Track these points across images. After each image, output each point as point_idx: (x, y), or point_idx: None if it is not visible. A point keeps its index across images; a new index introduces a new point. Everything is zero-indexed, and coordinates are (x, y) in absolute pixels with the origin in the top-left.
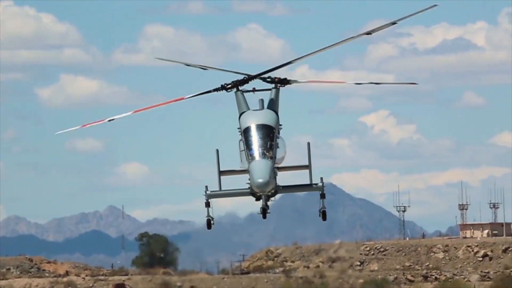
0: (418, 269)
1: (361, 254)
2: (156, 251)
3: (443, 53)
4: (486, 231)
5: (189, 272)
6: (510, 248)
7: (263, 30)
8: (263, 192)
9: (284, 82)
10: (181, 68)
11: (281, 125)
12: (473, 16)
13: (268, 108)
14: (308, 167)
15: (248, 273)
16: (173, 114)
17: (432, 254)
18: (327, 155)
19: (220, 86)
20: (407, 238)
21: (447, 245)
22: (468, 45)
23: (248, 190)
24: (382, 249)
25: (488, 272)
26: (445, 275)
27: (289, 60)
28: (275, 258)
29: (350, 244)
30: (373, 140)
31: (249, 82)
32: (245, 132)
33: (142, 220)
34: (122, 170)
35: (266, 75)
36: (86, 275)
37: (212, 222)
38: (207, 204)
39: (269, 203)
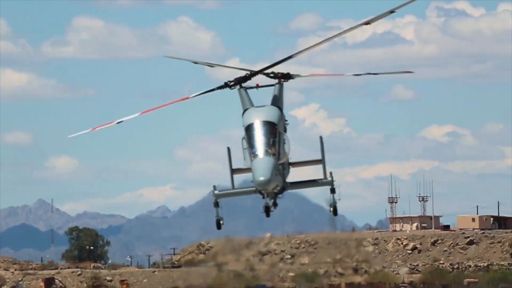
0: (348, 262)
1: (292, 247)
2: (86, 245)
3: (372, 47)
4: (415, 224)
5: (119, 266)
6: (439, 241)
7: (193, 23)
8: (265, 190)
9: (287, 77)
10: (111, 61)
11: (286, 121)
12: (401, 10)
13: (272, 104)
14: (321, 161)
15: (179, 266)
16: (103, 106)
17: (362, 247)
18: None
19: (223, 83)
20: (338, 232)
21: (377, 238)
22: (397, 39)
23: (255, 189)
24: (312, 242)
25: (417, 265)
26: (374, 268)
27: (290, 54)
28: (206, 252)
29: (281, 238)
30: (304, 134)
31: (251, 78)
32: (247, 130)
33: (72, 214)
34: (52, 164)
35: (269, 71)
36: (15, 270)
37: (221, 222)
38: (216, 205)
39: (277, 200)
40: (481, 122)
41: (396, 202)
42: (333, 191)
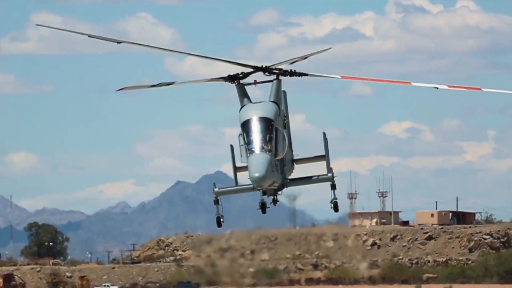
0: (308, 258)
1: (251, 243)
2: (45, 241)
3: (332, 43)
4: (374, 220)
5: (78, 262)
6: (398, 236)
7: (152, 19)
8: (260, 187)
9: (286, 73)
10: (70, 57)
11: (286, 117)
12: (361, 6)
13: (270, 100)
14: (324, 157)
15: (139, 262)
16: (62, 102)
17: (322, 242)
18: (218, 144)
19: (227, 76)
20: (297, 227)
21: (336, 234)
22: (356, 35)
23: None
24: (273, 238)
25: (377, 260)
26: (334, 264)
27: (305, 55)
28: (166, 247)
29: (241, 233)
30: None
31: (249, 75)
32: (243, 126)
33: (31, 210)
34: (10, 159)
35: (274, 67)
36: None
37: (222, 220)
38: (216, 202)
39: (278, 197)
40: (439, 118)
41: (355, 198)
42: (333, 187)
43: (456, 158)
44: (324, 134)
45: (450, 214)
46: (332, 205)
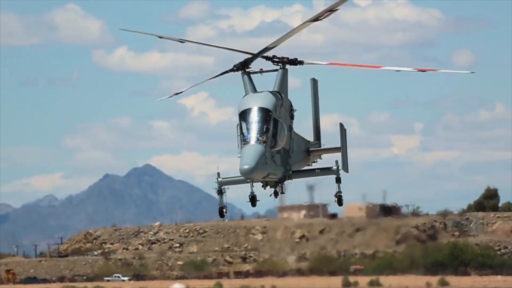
0: (237, 251)
1: (180, 236)
2: None
3: (261, 35)
4: (303, 213)
5: (5, 255)
6: (326, 229)
7: (81, 11)
8: (250, 179)
9: (294, 62)
10: (5, 52)
11: (295, 109)
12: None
13: (275, 89)
14: (340, 149)
15: (66, 255)
16: None
17: (250, 235)
18: (147, 137)
19: (233, 67)
20: (226, 220)
21: (265, 227)
22: (285, 28)
23: None
24: (201, 231)
25: (305, 253)
26: (263, 256)
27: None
28: (94, 241)
29: (169, 226)
30: (193, 122)
31: (251, 62)
32: (240, 116)
33: None
34: None
35: (271, 55)
36: None
37: (225, 210)
38: (219, 192)
39: (283, 189)
40: (367, 111)
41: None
42: (338, 180)
43: (384, 151)
44: (341, 125)
45: (378, 207)
46: (336, 199)
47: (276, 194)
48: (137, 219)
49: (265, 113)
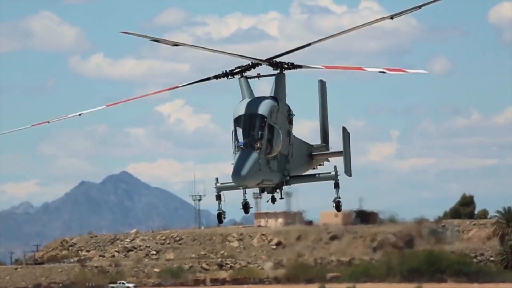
0: (213, 258)
1: (157, 243)
2: None
3: (237, 42)
4: (279, 220)
5: None
6: (303, 236)
7: (57, 18)
8: (242, 187)
9: (292, 66)
10: None
11: (293, 114)
12: (266, 6)
13: (272, 94)
14: (342, 153)
15: (42, 263)
16: None
17: (227, 242)
18: (123, 144)
19: (222, 72)
20: (203, 227)
21: (241, 234)
22: (261, 35)
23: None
24: (178, 238)
25: (282, 260)
26: (239, 264)
27: (309, 42)
28: (70, 248)
29: (146, 233)
30: (169, 129)
31: (255, 67)
32: (234, 122)
33: None
34: None
35: (273, 60)
36: None
37: (223, 216)
38: (218, 197)
39: (282, 195)
40: (344, 118)
41: (261, 198)
42: (337, 186)
43: (360, 158)
44: (344, 128)
45: (354, 214)
46: (334, 204)
47: (273, 200)
48: (114, 226)
49: (259, 119)
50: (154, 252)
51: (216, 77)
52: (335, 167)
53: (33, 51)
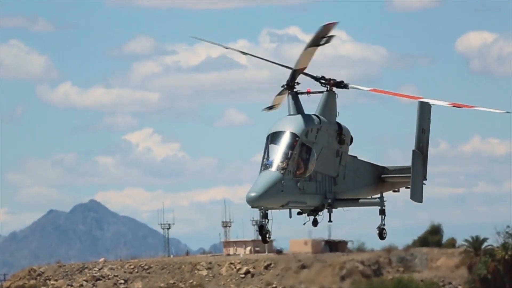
0: (182, 287)
1: (125, 272)
2: None
3: (206, 71)
4: (248, 248)
5: None
6: (272, 265)
7: (25, 46)
8: (257, 207)
9: (340, 85)
10: None
11: (348, 135)
12: (235, 35)
13: (318, 113)
14: (409, 177)
15: None
16: None
17: (196, 271)
18: (91, 173)
19: (284, 85)
20: (171, 256)
21: (210, 262)
22: (231, 63)
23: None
24: (146, 267)
25: None
26: None
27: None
28: (38, 277)
29: (114, 262)
30: (138, 158)
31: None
32: (266, 139)
33: None
34: None
35: (320, 76)
36: None
37: (268, 236)
38: (264, 216)
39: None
40: None
41: (230, 226)
42: (382, 212)
43: None
44: (414, 151)
45: (323, 242)
46: (378, 231)
47: (315, 222)
48: (82, 255)
49: (289, 137)
50: (123, 281)
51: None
52: (381, 192)
53: (1, 80)
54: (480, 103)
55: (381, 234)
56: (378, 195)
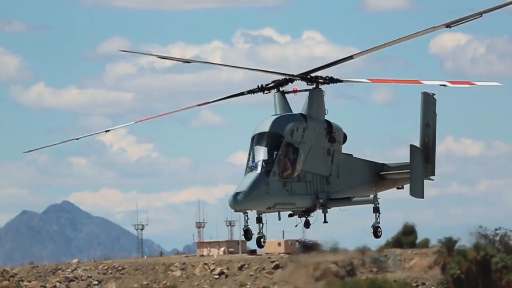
0: (156, 287)
1: (99, 273)
2: None
3: (180, 72)
4: (222, 249)
5: None
6: (246, 266)
7: None
8: (240, 211)
9: (333, 81)
10: None
11: (338, 132)
12: (209, 35)
13: (305, 111)
14: (408, 173)
15: None
16: None
17: (169, 272)
18: (65, 174)
19: (257, 87)
20: (145, 257)
21: (184, 263)
22: (205, 64)
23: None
24: (120, 268)
25: None
26: None
27: (351, 55)
28: (11, 278)
29: (88, 263)
30: (112, 159)
31: (292, 82)
32: (251, 141)
33: None
34: None
35: (314, 75)
36: None
37: (262, 240)
38: (259, 220)
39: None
40: None
41: (203, 227)
42: (375, 210)
43: None
44: (412, 146)
45: (297, 243)
46: (372, 230)
47: (307, 224)
48: (55, 256)
49: (274, 138)
50: (96, 282)
51: (251, 91)
52: (375, 190)
53: None
54: (455, 104)
55: (376, 232)
56: (373, 194)
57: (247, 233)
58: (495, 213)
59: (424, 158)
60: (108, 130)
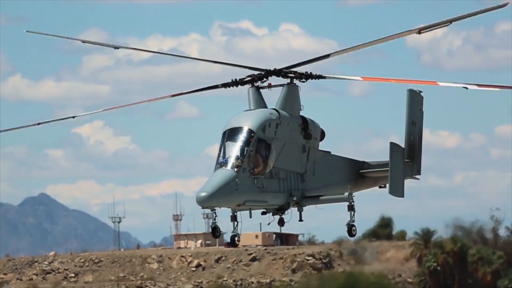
0: (133, 280)
1: (75, 265)
2: None
3: (157, 64)
4: (199, 241)
5: None
6: (223, 258)
7: None
8: (207, 208)
9: (312, 77)
10: None
11: (314, 129)
12: (186, 28)
13: (279, 107)
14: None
15: None
16: None
17: (146, 264)
18: (42, 166)
19: (231, 80)
20: (122, 249)
21: (161, 256)
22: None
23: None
24: (97, 260)
25: (201, 282)
26: (159, 286)
27: (327, 53)
28: None
29: (64, 256)
30: (89, 151)
31: (268, 77)
32: (221, 137)
33: None
34: None
35: (292, 71)
36: None
37: (237, 238)
38: (233, 218)
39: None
40: None
41: (181, 220)
42: (350, 208)
43: None
44: (391, 144)
45: (274, 235)
46: (346, 228)
47: (281, 222)
48: (32, 249)
49: (245, 133)
50: (73, 275)
51: (225, 85)
52: (349, 187)
53: None
54: (431, 97)
55: (350, 231)
56: (348, 192)
57: (215, 231)
58: (472, 204)
59: (409, 156)
60: (75, 116)
